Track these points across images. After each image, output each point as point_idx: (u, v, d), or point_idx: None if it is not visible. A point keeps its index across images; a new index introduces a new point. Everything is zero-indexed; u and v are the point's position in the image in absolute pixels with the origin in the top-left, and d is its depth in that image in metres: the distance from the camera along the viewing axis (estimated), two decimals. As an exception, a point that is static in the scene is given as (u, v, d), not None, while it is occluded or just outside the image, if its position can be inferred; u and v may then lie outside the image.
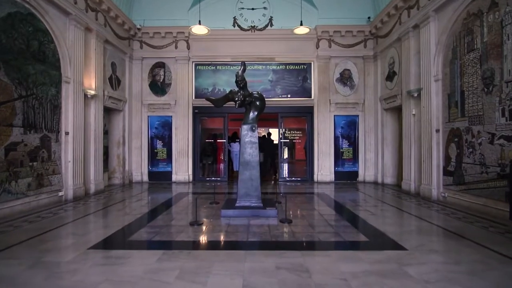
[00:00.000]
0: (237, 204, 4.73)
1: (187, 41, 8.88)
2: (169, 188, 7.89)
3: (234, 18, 8.90)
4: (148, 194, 6.97)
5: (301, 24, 6.81)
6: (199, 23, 6.65)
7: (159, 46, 8.85)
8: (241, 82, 4.74)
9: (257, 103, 4.95)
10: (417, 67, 6.61)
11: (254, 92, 4.98)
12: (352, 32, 8.70)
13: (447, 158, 5.67)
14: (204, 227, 4.01)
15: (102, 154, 7.25)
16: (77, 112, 6.22)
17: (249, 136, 4.81)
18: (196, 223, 4.11)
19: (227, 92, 5.26)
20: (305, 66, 9.04)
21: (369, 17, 8.63)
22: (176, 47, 8.87)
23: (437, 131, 5.91)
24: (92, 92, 6.65)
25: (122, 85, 8.34)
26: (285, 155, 10.11)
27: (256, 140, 4.81)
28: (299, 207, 5.37)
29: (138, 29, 8.61)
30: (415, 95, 6.52)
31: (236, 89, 4.97)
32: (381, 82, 8.44)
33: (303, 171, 9.83)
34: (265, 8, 8.92)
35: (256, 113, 4.95)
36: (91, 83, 6.82)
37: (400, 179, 7.74)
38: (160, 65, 8.94)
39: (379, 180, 8.45)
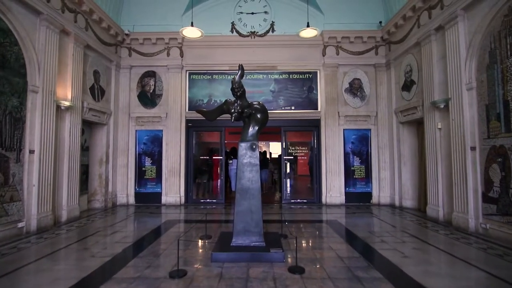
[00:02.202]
0: (233, 244, 3.72)
1: (180, 48, 8.07)
2: (157, 213, 6.86)
3: (232, 23, 8.13)
4: (129, 223, 5.94)
5: (308, 26, 5.98)
6: (192, 25, 5.82)
7: (150, 54, 8.03)
8: (238, 90, 3.82)
9: (258, 115, 4.02)
10: (442, 74, 5.74)
11: (254, 103, 4.06)
12: (362, 38, 7.90)
13: (487, 182, 4.68)
14: (187, 281, 2.98)
15: (78, 174, 6.27)
16: (46, 127, 5.28)
17: (248, 156, 3.85)
18: (177, 274, 3.09)
19: (223, 102, 4.32)
20: (310, 75, 8.19)
21: (380, 22, 7.85)
22: (168, 55, 8.05)
23: (473, 148, 4.95)
24: (67, 104, 5.74)
25: (106, 96, 7.45)
26: (287, 169, 9.10)
27: (257, 162, 3.85)
28: (310, 244, 4.34)
29: (126, 34, 7.82)
30: (442, 106, 5.61)
31: (233, 99, 4.06)
32: (395, 92, 7.56)
33: (308, 190, 8.80)
34: (266, 12, 8.16)
35: (256, 128, 4.02)
36: (67, 93, 5.93)
37: (422, 202, 6.73)
38: (151, 74, 8.09)
39: (397, 203, 7.42)
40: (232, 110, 3.92)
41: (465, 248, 4.10)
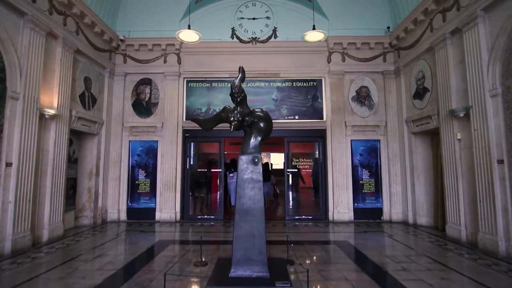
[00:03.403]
0: (231, 275, 3.16)
1: (178, 55, 7.67)
2: (150, 231, 6.29)
3: (233, 29, 7.76)
4: (118, 244, 5.36)
5: (314, 29, 5.56)
6: (189, 28, 5.41)
7: (146, 60, 7.62)
8: (238, 95, 3.35)
9: (261, 124, 3.53)
10: (461, 80, 5.28)
11: (256, 110, 3.57)
12: (369, 44, 7.50)
13: (520, 200, 4.15)
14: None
15: (64, 188, 5.73)
16: (27, 137, 4.79)
17: (250, 171, 3.33)
18: (163, 317, 2.53)
19: (221, 110, 3.83)
20: (315, 83, 7.75)
21: (388, 27, 7.47)
22: (165, 61, 7.64)
23: (500, 162, 4.43)
24: (52, 112, 5.26)
25: (98, 104, 6.99)
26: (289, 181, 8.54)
27: (260, 177, 3.33)
28: (320, 272, 3.76)
29: (121, 40, 7.43)
30: (461, 115, 5.12)
31: (232, 105, 3.58)
32: (406, 100, 7.10)
33: (313, 205, 8.23)
34: (268, 18, 7.80)
35: (259, 138, 3.52)
36: (53, 101, 5.46)
37: (439, 220, 6.16)
38: (146, 81, 7.66)
39: (410, 220, 6.84)
40: (232, 118, 3.43)
41: (500, 278, 3.52)
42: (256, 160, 3.35)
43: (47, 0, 5.21)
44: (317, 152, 9.52)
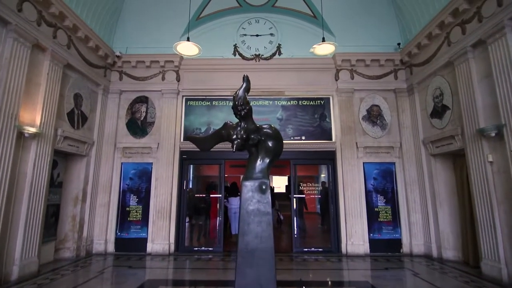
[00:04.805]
0: (232, 338, 2.42)
1: (177, 72, 7.26)
2: (139, 266, 5.50)
3: (235, 46, 7.41)
4: (98, 284, 4.58)
5: (323, 41, 5.13)
6: (188, 40, 4.98)
7: (143, 78, 7.20)
8: (242, 107, 2.79)
9: (269, 143, 2.94)
10: (488, 96, 4.76)
11: (264, 126, 3.00)
12: (379, 61, 7.10)
13: None
14: None
15: (42, 217, 5.04)
16: (0, 158, 4.20)
17: (256, 201, 2.70)
18: None
19: (221, 126, 3.26)
20: (322, 102, 7.26)
21: (398, 44, 7.10)
22: (163, 79, 7.21)
23: (548, 188, 3.79)
24: (33, 130, 4.70)
25: (89, 123, 6.46)
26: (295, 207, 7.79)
27: (269, 209, 2.68)
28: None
29: (118, 56, 7.05)
30: (493, 134, 4.54)
31: (235, 121, 3.02)
32: (422, 120, 6.56)
33: (321, 234, 7.45)
34: (272, 34, 7.47)
35: (267, 160, 2.92)
36: (35, 118, 4.93)
37: (469, 254, 5.39)
38: (143, 99, 7.19)
39: (434, 253, 6.04)
40: (234, 136, 2.85)
41: None
42: (264, 187, 2.72)
43: (35, 10, 4.83)
44: (322, 175, 8.86)
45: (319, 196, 7.35)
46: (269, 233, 2.62)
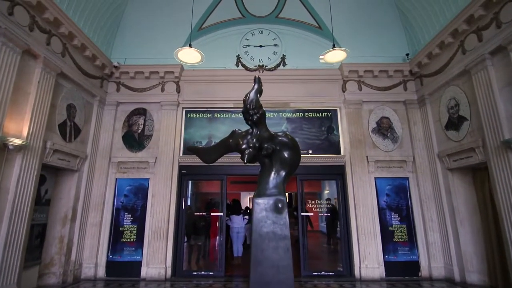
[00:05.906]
0: None
1: (177, 83, 6.95)
2: (131, 294, 4.93)
3: (238, 57, 7.16)
4: (84, 316, 4.02)
5: (334, 47, 4.85)
6: (190, 46, 4.68)
7: (141, 89, 6.87)
8: (254, 111, 2.45)
9: (285, 154, 2.56)
10: (511, 104, 4.43)
11: (279, 134, 2.62)
12: (387, 72, 6.84)
13: None
14: None
15: (25, 239, 4.52)
16: (-22, 173, 3.76)
17: (271, 222, 2.27)
18: None
19: (228, 135, 2.86)
20: (329, 114, 6.93)
21: (407, 54, 6.87)
22: (162, 90, 6.89)
23: None
24: (18, 142, 4.28)
25: (82, 136, 6.06)
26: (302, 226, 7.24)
27: (287, 232, 2.26)
28: None
29: (115, 67, 6.75)
30: (521, 146, 4.18)
31: (244, 129, 2.63)
32: (436, 132, 6.22)
33: (329, 255, 6.89)
34: (276, 45, 7.25)
35: (283, 173, 2.54)
36: (22, 129, 4.52)
37: (497, 277, 4.88)
38: (140, 111, 6.83)
39: (456, 277, 5.51)
40: (244, 146, 2.48)
41: None
42: (280, 205, 2.30)
43: (28, 15, 4.55)
44: (325, 191, 8.40)
45: (325, 214, 6.86)
46: (288, 261, 2.16)
